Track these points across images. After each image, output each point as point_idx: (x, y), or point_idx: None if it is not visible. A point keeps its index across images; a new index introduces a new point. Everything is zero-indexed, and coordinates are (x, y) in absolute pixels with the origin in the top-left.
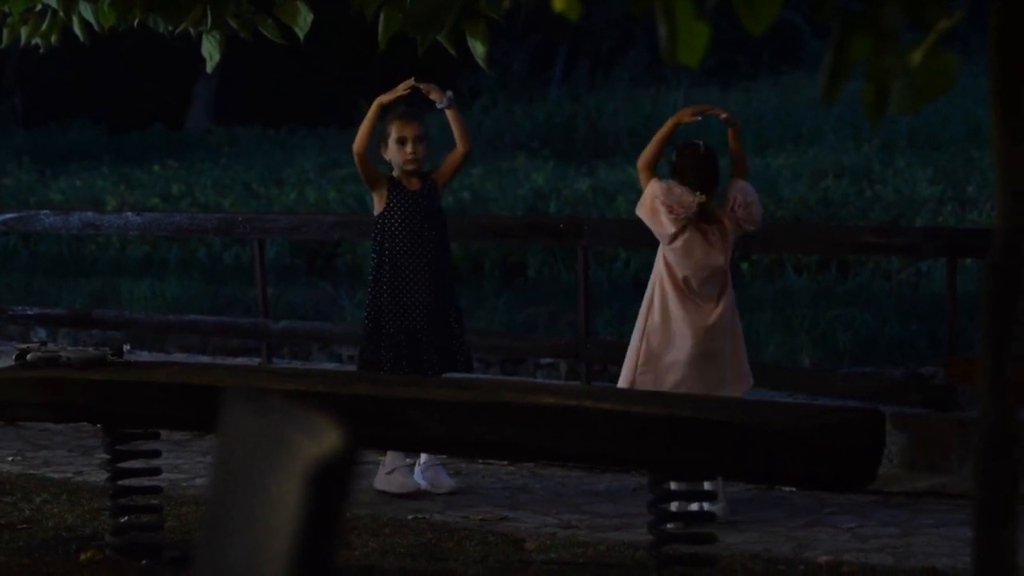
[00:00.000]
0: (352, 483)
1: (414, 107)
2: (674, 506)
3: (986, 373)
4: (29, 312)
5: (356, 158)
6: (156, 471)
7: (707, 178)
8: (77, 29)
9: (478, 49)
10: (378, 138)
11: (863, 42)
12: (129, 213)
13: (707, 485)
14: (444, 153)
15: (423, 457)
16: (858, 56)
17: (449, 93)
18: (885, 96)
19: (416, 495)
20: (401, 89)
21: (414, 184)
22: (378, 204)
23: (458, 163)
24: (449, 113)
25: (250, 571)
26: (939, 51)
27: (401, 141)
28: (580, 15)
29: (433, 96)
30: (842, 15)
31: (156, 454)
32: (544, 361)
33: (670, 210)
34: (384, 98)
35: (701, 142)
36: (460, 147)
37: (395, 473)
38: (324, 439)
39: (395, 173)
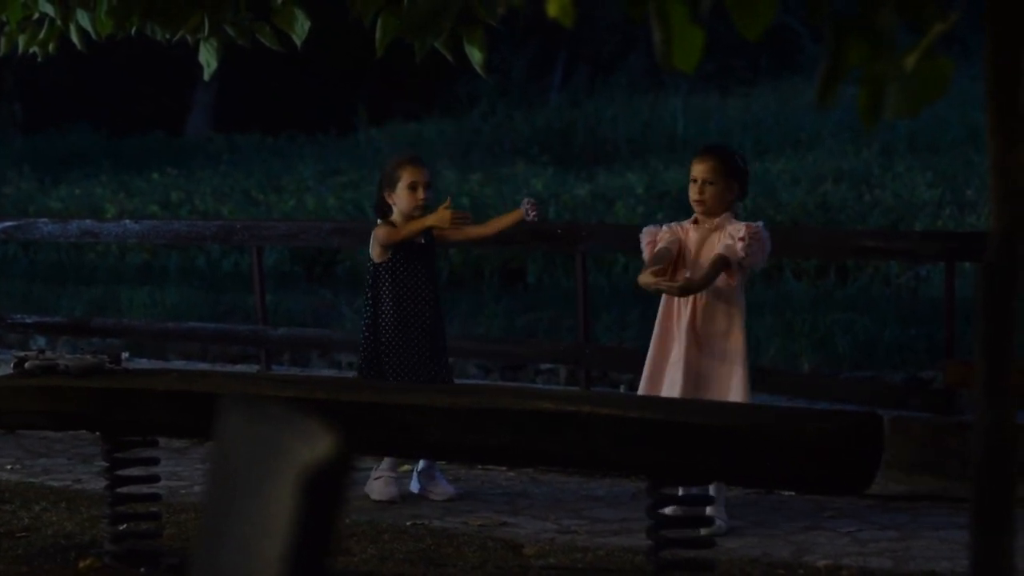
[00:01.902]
0: (346, 489)
1: (419, 155)
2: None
3: (982, 376)
4: (28, 320)
5: (401, 238)
6: (155, 478)
7: None
8: (74, 37)
9: (475, 55)
10: (383, 183)
11: (858, 46)
12: (127, 221)
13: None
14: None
15: (421, 463)
16: (853, 60)
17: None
18: (880, 101)
19: (394, 503)
20: (513, 220)
21: (415, 234)
22: (382, 253)
23: (468, 240)
24: (516, 218)
25: None
26: (934, 55)
27: (412, 187)
28: (574, 21)
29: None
30: (836, 19)
31: (155, 461)
32: (544, 366)
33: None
34: (501, 225)
35: None
36: (487, 231)
37: (379, 480)
38: (318, 445)
39: (396, 218)
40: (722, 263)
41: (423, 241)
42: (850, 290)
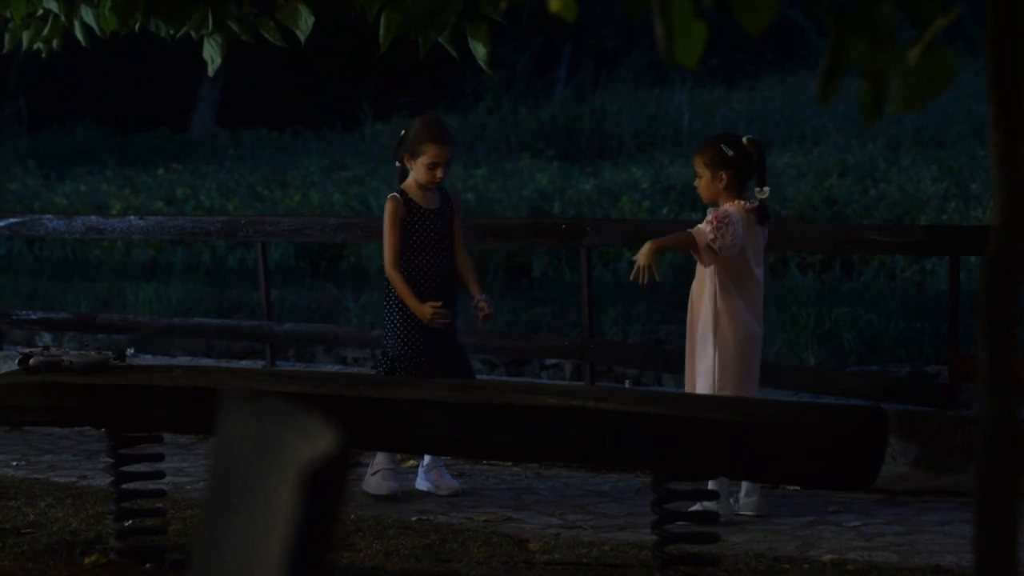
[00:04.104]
0: (347, 484)
1: (447, 128)
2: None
3: (985, 371)
4: (33, 316)
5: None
6: (160, 474)
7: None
8: (78, 34)
9: (479, 51)
10: (404, 145)
11: (858, 40)
12: (132, 217)
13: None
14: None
15: (426, 459)
16: (854, 55)
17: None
18: (883, 95)
19: (396, 497)
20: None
21: (429, 200)
22: None
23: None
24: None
25: (246, 572)
26: (936, 49)
27: (432, 166)
28: (577, 15)
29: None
30: (836, 13)
31: (160, 457)
32: (549, 362)
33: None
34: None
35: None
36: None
37: (377, 475)
38: (320, 441)
39: (410, 184)
40: (686, 237)
41: (436, 205)
42: (855, 284)
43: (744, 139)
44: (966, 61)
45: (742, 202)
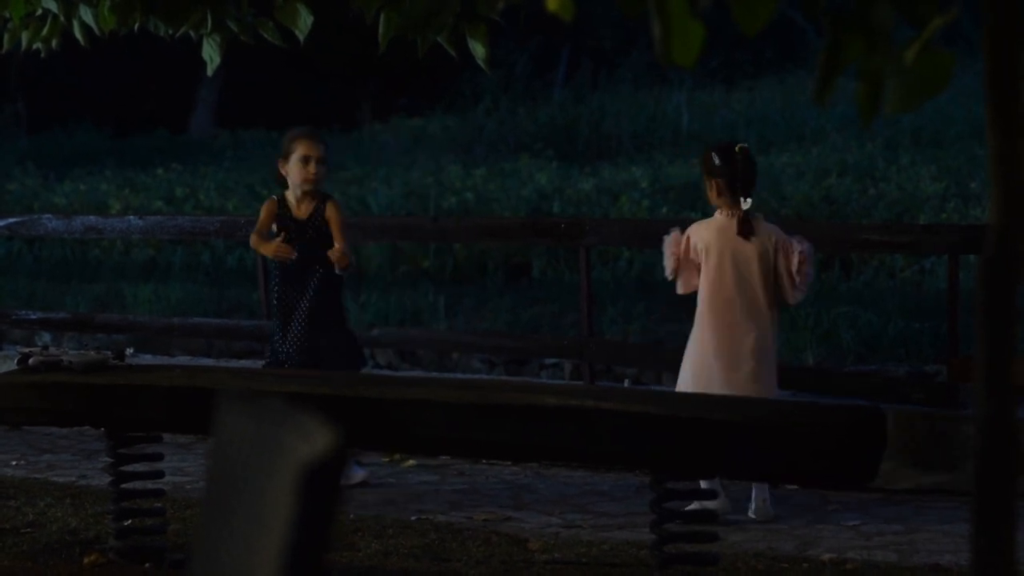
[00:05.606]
0: (343, 484)
1: (318, 130)
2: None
3: (982, 370)
4: (33, 316)
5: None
6: (159, 474)
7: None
8: (77, 33)
9: (478, 51)
10: (279, 153)
11: (855, 41)
12: (132, 217)
13: (703, 484)
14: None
15: None
16: (850, 55)
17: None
18: (878, 96)
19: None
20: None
21: (302, 210)
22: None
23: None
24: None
25: (245, 572)
26: (933, 49)
27: (305, 160)
28: (574, 15)
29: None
30: (833, 13)
31: (159, 457)
32: (548, 361)
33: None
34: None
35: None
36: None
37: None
38: (317, 441)
39: (289, 192)
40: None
41: (306, 215)
42: (854, 283)
43: (736, 147)
44: (965, 62)
45: (728, 211)
